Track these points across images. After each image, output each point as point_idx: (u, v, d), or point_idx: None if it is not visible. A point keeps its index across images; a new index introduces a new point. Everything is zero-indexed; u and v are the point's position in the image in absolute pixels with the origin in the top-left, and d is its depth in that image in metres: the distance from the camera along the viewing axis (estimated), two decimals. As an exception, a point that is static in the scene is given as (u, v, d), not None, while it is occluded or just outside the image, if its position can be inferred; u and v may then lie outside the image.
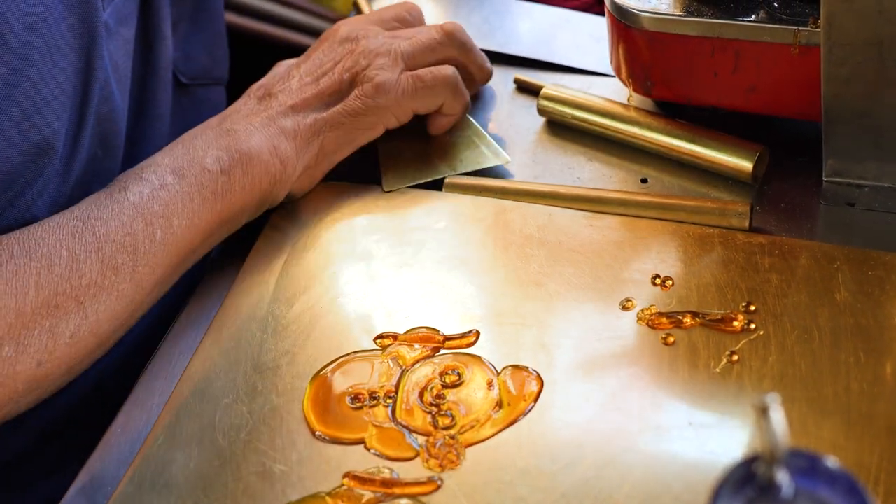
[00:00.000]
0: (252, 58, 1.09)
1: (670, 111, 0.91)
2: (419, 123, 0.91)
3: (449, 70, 0.88)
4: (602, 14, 0.92)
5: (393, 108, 0.87)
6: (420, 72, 0.87)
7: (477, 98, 0.98)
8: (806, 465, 0.49)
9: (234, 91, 1.05)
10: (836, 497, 0.48)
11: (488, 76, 0.96)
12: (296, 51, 0.95)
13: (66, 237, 0.75)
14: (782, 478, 0.48)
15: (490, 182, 0.88)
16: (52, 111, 0.76)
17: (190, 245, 0.80)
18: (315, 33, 1.14)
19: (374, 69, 0.86)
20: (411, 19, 0.94)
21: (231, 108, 0.88)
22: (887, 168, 0.82)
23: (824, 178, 0.84)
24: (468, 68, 0.93)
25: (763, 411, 0.46)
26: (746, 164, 0.85)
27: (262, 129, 0.84)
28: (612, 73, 0.93)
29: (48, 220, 0.76)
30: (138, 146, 0.90)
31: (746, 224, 0.81)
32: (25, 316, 0.71)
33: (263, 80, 0.90)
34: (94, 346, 0.75)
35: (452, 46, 0.90)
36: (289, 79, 0.88)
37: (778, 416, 0.46)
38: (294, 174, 0.85)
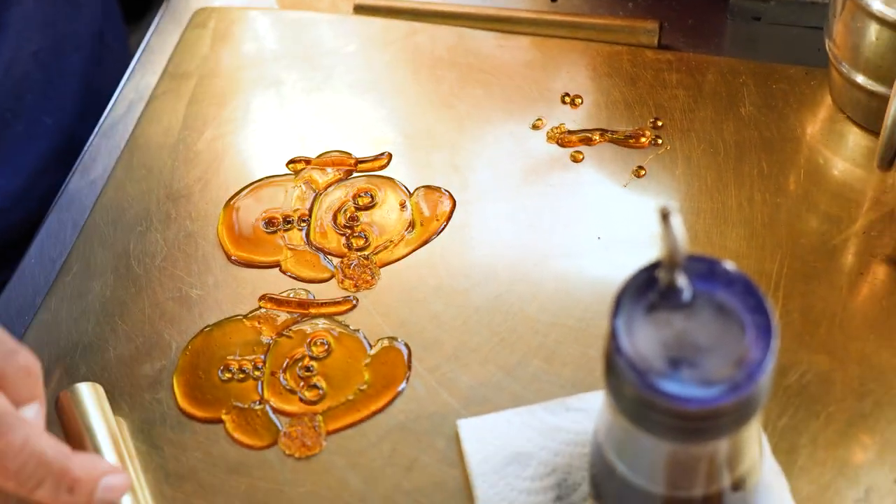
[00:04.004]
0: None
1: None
2: None
3: None
4: None
5: None
6: None
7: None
8: (705, 269, 0.50)
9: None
10: (733, 298, 0.49)
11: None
12: None
13: None
14: (682, 282, 0.49)
15: (400, 4, 0.87)
16: None
17: None
18: None
19: None
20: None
21: None
22: (793, -18, 0.83)
23: (731, -6, 0.84)
24: None
25: (664, 216, 0.47)
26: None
27: None
28: None
29: None
30: None
31: (655, 41, 0.82)
32: None
33: None
34: None
35: None
36: None
37: (678, 222, 0.48)
38: None
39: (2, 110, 0.85)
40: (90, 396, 0.64)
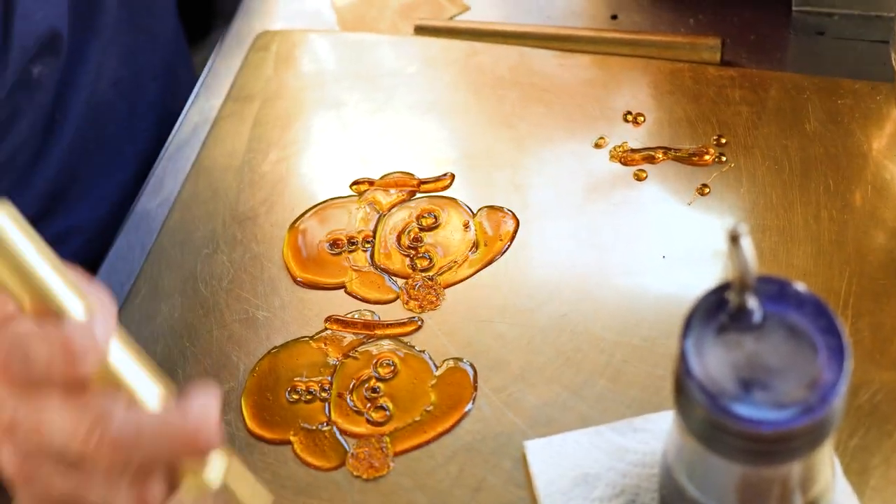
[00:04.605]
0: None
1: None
2: None
3: None
4: None
5: None
6: None
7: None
8: (775, 291, 0.50)
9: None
10: (804, 319, 0.49)
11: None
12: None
13: None
14: (752, 304, 0.49)
15: (460, 24, 0.88)
16: None
17: None
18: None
19: None
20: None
21: None
22: (857, -5, 0.82)
23: (794, 8, 0.84)
24: None
25: (733, 239, 0.47)
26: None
27: None
28: None
29: None
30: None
31: (717, 57, 0.81)
32: None
33: None
34: None
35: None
36: None
37: (747, 244, 0.47)
38: None
39: (85, 140, 0.87)
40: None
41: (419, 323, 0.70)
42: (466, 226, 0.75)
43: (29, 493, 0.50)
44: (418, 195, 0.77)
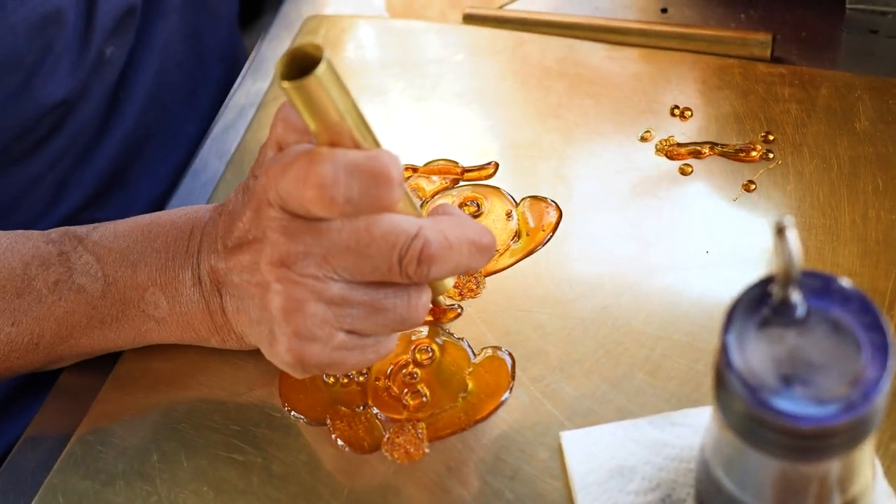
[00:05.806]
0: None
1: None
2: None
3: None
4: None
5: None
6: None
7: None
8: (820, 286, 0.49)
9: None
10: (848, 316, 0.48)
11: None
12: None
13: None
14: (796, 298, 0.49)
15: (509, 14, 0.87)
16: None
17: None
18: None
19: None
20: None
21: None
22: (912, -5, 0.81)
23: (848, 6, 0.83)
24: None
25: (779, 231, 0.47)
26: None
27: None
28: None
29: None
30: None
31: (768, 54, 0.81)
32: None
33: None
34: None
35: None
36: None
37: (793, 237, 0.47)
38: None
39: (147, 120, 0.87)
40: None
41: (459, 310, 0.70)
42: (509, 215, 0.74)
43: (290, 328, 0.57)
44: (461, 183, 0.77)
